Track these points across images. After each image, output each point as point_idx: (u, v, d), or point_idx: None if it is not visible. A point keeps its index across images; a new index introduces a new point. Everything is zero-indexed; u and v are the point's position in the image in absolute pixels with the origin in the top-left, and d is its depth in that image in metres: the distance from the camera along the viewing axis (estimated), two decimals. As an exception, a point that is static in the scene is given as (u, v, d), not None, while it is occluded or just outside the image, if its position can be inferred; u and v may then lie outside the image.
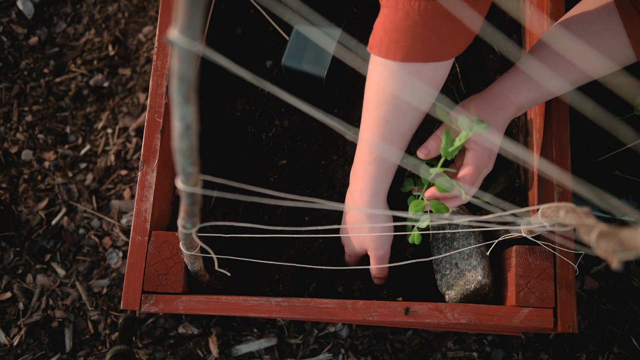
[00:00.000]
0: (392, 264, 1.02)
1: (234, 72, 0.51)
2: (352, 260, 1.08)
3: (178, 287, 1.00)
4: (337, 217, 1.13)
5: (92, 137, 1.53)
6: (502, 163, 1.13)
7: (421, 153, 0.95)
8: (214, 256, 0.85)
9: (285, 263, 1.05)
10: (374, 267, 1.03)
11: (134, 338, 1.34)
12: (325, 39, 1.14)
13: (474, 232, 1.03)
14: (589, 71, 0.89)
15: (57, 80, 1.58)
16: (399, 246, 1.08)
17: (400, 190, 1.10)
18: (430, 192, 0.96)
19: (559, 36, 0.89)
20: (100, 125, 1.54)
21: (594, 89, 0.99)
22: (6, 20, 1.62)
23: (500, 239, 0.99)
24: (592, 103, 0.96)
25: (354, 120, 1.19)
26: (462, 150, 0.96)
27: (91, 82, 1.57)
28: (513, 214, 0.83)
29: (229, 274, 0.94)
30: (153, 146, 1.07)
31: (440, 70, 0.86)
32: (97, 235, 1.44)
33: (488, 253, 1.02)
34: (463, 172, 0.91)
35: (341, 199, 1.13)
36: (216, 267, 0.89)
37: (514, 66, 0.97)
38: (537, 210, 0.76)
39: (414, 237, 1.01)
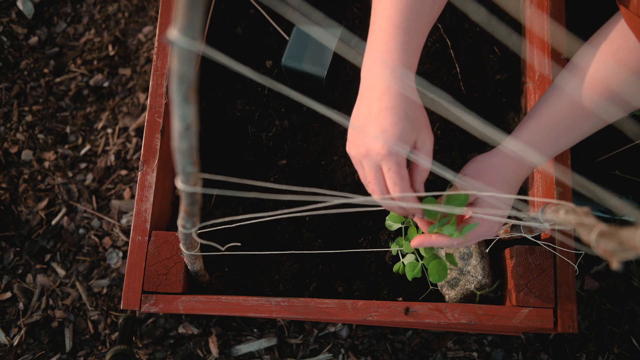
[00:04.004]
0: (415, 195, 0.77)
1: (234, 69, 0.51)
2: (370, 173, 0.75)
3: (178, 287, 1.00)
4: (337, 218, 1.13)
5: (92, 137, 1.53)
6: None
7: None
8: (218, 247, 0.85)
9: (288, 252, 1.05)
10: (427, 158, 0.75)
11: (134, 338, 1.34)
12: (325, 38, 1.14)
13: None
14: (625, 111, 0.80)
15: (57, 80, 1.58)
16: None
17: None
18: (419, 240, 0.82)
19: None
20: (100, 125, 1.54)
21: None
22: (6, 20, 1.62)
23: (499, 237, 0.99)
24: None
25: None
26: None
27: (91, 82, 1.57)
28: (515, 209, 0.83)
29: (239, 244, 0.91)
30: (153, 146, 1.07)
31: None
32: (97, 235, 1.44)
33: (487, 251, 1.02)
34: (465, 238, 0.79)
35: (341, 199, 1.13)
36: (222, 250, 0.88)
37: (533, 118, 0.83)
38: (537, 209, 0.77)
39: (399, 267, 1.01)
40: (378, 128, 0.72)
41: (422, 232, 0.96)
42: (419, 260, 0.98)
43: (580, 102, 0.79)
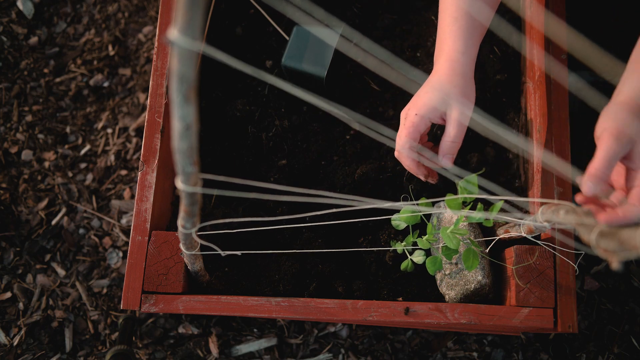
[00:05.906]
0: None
1: (235, 67, 0.51)
2: (410, 128, 0.94)
3: (178, 287, 1.00)
4: (337, 217, 1.13)
5: (92, 137, 1.53)
6: (502, 163, 1.13)
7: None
8: (218, 249, 0.85)
9: (288, 251, 1.05)
10: (453, 129, 0.93)
11: (134, 338, 1.34)
12: (325, 38, 1.14)
13: (473, 231, 1.03)
14: None
15: (57, 80, 1.58)
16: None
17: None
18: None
19: None
20: (100, 125, 1.54)
21: (595, 86, 0.99)
22: (6, 20, 1.62)
23: (499, 237, 0.99)
24: (594, 99, 0.96)
25: (354, 119, 1.19)
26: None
27: (91, 82, 1.57)
28: (515, 207, 0.83)
29: (239, 253, 0.92)
30: (153, 146, 1.07)
31: None
32: (97, 235, 1.44)
33: (487, 250, 1.02)
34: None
35: (341, 199, 1.13)
36: (222, 254, 0.88)
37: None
38: (538, 209, 0.76)
39: (407, 265, 1.01)
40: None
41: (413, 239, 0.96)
42: (426, 255, 0.98)
43: None
